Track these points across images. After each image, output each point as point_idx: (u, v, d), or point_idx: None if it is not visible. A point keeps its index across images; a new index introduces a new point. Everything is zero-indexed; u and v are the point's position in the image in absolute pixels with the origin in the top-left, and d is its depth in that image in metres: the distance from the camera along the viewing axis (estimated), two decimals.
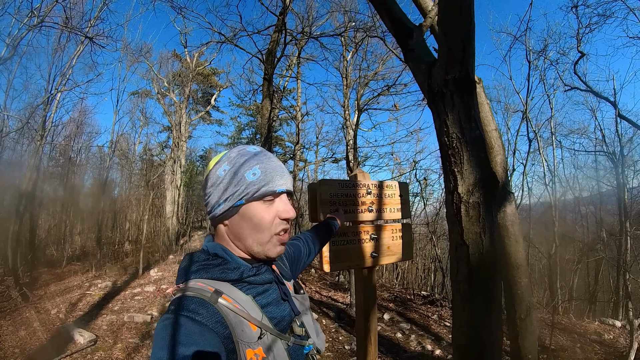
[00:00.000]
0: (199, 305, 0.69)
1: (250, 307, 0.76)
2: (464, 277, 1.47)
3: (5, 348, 4.96)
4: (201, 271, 0.79)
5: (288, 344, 0.79)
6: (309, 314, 0.95)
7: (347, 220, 2.19)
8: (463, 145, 1.37)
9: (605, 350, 5.81)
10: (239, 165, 0.83)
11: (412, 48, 1.55)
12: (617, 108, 9.09)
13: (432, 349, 5.58)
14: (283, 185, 0.83)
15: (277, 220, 0.82)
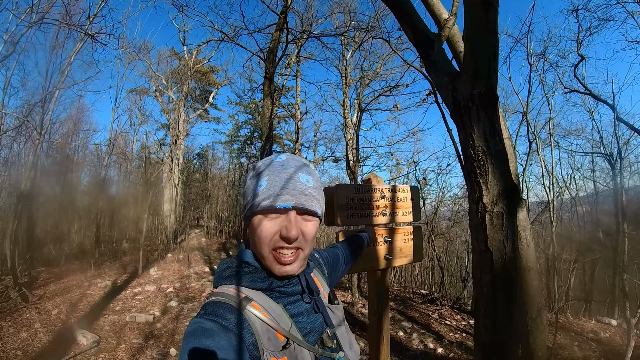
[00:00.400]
0: (227, 311, 0.71)
1: (279, 316, 0.77)
2: (488, 281, 1.54)
3: (7, 350, 4.91)
4: (233, 277, 0.81)
5: (316, 356, 0.78)
6: (343, 325, 0.94)
7: (362, 224, 2.21)
8: (488, 158, 1.43)
9: (603, 348, 5.89)
10: (256, 175, 0.83)
11: (433, 59, 1.59)
12: (615, 111, 9.20)
13: (434, 347, 5.64)
14: (287, 202, 0.78)
15: (276, 237, 0.79)
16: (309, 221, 0.82)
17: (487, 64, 1.41)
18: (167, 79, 16.70)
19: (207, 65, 18.94)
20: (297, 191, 0.79)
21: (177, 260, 11.96)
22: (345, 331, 0.93)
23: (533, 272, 2.26)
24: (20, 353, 4.86)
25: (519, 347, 1.57)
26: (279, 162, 0.84)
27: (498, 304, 1.50)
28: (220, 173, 24.21)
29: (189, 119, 18.26)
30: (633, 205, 10.91)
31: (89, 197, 14.49)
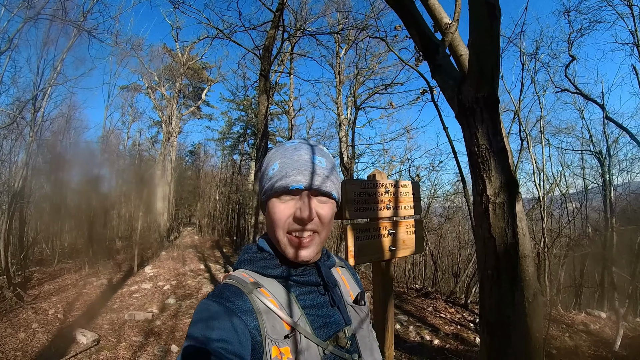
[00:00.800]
0: (233, 294, 0.71)
1: (289, 305, 0.75)
2: (492, 265, 1.69)
3: (6, 351, 4.88)
4: (247, 262, 0.82)
5: (324, 352, 0.75)
6: (367, 329, 0.90)
7: (368, 217, 2.30)
8: (491, 154, 1.57)
9: (593, 338, 6.08)
10: (268, 160, 0.83)
11: (439, 63, 1.71)
12: (605, 110, 9.44)
13: (431, 339, 5.77)
14: (300, 182, 0.76)
15: (290, 219, 0.77)
16: (324, 203, 0.80)
17: (490, 70, 1.55)
18: (159, 75, 16.59)
19: (199, 62, 18.86)
20: (310, 171, 0.78)
21: (172, 258, 11.95)
22: (368, 336, 0.89)
23: (529, 260, 2.42)
24: (19, 354, 4.83)
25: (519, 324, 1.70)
26: (291, 145, 0.83)
27: (502, 285, 1.64)
28: (213, 170, 24.14)
29: (182, 116, 18.17)
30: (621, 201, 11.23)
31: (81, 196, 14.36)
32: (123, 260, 11.38)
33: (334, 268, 0.94)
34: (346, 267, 1.03)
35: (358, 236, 2.18)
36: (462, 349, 5.42)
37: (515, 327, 1.65)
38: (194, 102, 20.31)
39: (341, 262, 1.03)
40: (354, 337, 0.83)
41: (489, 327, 1.74)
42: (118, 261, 11.32)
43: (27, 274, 8.95)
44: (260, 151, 7.76)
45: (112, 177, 17.85)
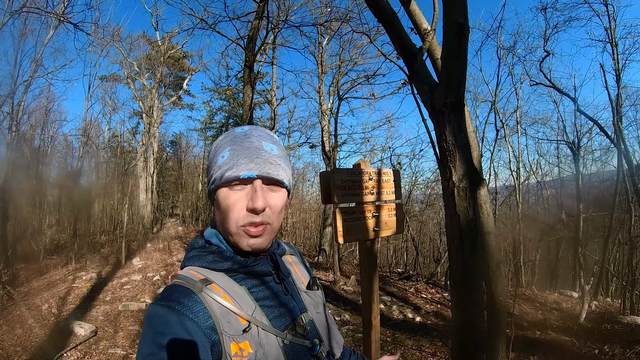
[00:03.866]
0: (182, 295, 0.67)
1: (242, 299, 0.73)
2: (457, 236, 2.08)
3: (5, 347, 4.90)
4: (194, 259, 0.78)
5: (284, 342, 0.74)
6: (323, 313, 0.90)
7: (354, 202, 2.56)
8: (456, 149, 1.93)
9: (562, 315, 6.57)
10: (217, 148, 0.79)
11: (416, 70, 2.02)
12: (576, 103, 9.94)
13: (413, 317, 6.14)
14: (252, 170, 0.73)
15: (243, 211, 0.73)
16: (276, 192, 0.77)
17: (457, 80, 1.88)
18: (139, 65, 16.35)
19: (180, 51, 18.61)
20: (262, 159, 0.74)
21: (158, 249, 12.01)
22: (326, 320, 0.89)
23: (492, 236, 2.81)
24: (19, 349, 4.88)
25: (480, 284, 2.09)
26: (241, 132, 0.79)
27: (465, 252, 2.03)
28: (195, 161, 24.03)
29: (163, 107, 17.99)
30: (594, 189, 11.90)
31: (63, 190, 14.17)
32: (109, 254, 11.36)
33: (284, 256, 0.93)
34: (295, 254, 1.02)
35: (345, 218, 2.45)
36: (442, 325, 5.81)
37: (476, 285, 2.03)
38: (175, 91, 20.07)
39: (291, 249, 1.01)
40: (312, 322, 0.83)
41: (455, 286, 2.15)
42: (104, 254, 11.30)
43: (13, 271, 8.90)
44: None
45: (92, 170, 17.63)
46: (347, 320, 5.74)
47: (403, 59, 2.03)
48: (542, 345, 4.48)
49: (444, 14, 1.73)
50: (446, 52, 1.83)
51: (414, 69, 2.00)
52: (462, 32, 1.68)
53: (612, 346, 4.37)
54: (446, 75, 1.86)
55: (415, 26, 2.49)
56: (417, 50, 1.98)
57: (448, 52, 1.81)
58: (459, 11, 1.68)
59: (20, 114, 9.86)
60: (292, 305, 0.81)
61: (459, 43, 1.71)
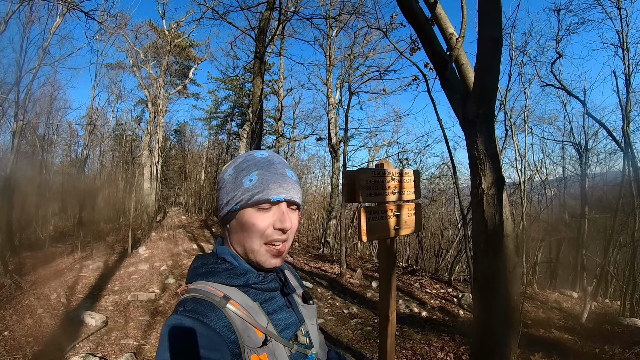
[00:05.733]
0: (208, 309, 0.71)
1: (256, 313, 0.78)
2: (484, 240, 2.17)
3: (17, 338, 4.87)
4: (209, 274, 0.81)
5: (291, 351, 0.80)
6: (315, 325, 0.96)
7: (377, 201, 2.61)
8: (487, 157, 1.99)
9: (563, 314, 6.65)
10: (240, 171, 0.84)
11: (447, 78, 2.05)
12: (585, 106, 9.92)
13: (419, 311, 6.22)
14: (280, 194, 0.81)
15: (270, 229, 0.81)
16: (294, 213, 0.86)
17: (490, 93, 1.94)
18: (145, 53, 16.27)
19: (186, 40, 18.51)
20: (288, 185, 0.83)
21: (163, 238, 12.03)
22: (317, 331, 0.96)
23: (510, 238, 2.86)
24: (31, 340, 4.85)
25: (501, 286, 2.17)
26: (263, 158, 0.86)
27: (489, 256, 2.10)
28: (199, 150, 24.03)
29: (169, 95, 17.95)
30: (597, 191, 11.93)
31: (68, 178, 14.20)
32: (114, 242, 11.39)
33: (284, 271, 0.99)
34: (289, 269, 1.09)
35: (369, 217, 2.51)
36: (448, 320, 5.89)
37: (498, 286, 2.11)
38: (181, 80, 20.00)
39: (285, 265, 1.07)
40: (308, 333, 0.89)
41: (479, 286, 2.22)
42: (109, 243, 11.33)
43: (20, 260, 8.93)
44: (255, 134, 7.85)
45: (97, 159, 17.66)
46: (355, 313, 5.82)
47: (434, 65, 2.06)
48: (546, 343, 4.57)
49: (479, 27, 1.76)
50: (481, 65, 1.87)
51: (445, 77, 2.04)
52: (497, 47, 1.72)
53: (612, 346, 4.45)
54: (480, 86, 1.91)
55: (441, 30, 2.50)
56: (448, 58, 2.01)
57: (483, 65, 1.85)
58: (495, 25, 1.72)
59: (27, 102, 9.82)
60: (294, 318, 0.87)
61: (493, 57, 1.77)
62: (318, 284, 7.47)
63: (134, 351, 4.59)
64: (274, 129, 18.49)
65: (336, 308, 6.07)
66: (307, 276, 8.07)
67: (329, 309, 6.00)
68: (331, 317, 5.57)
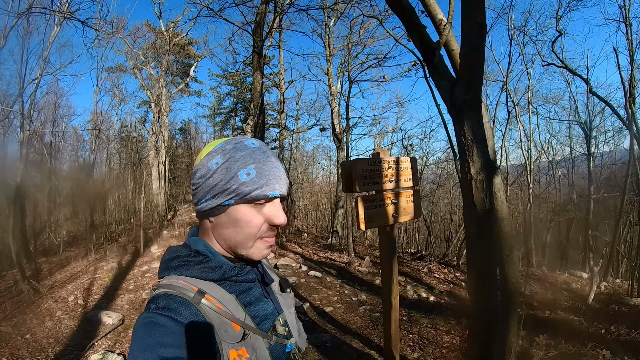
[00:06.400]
0: (181, 305, 0.68)
1: (233, 306, 0.76)
2: (475, 224, 2.20)
3: (38, 340, 5.02)
4: (182, 268, 0.77)
5: (270, 343, 0.78)
6: (293, 313, 0.95)
7: (374, 190, 2.66)
8: (474, 143, 2.02)
9: (572, 295, 6.64)
10: (234, 161, 0.77)
11: (435, 65, 2.09)
12: (588, 84, 9.72)
13: (427, 296, 6.28)
14: (277, 190, 0.78)
15: (265, 226, 0.78)
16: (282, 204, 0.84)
17: (477, 78, 1.97)
18: (144, 54, 16.36)
19: (185, 39, 18.54)
20: (283, 180, 0.81)
21: (174, 236, 12.22)
22: (295, 319, 0.94)
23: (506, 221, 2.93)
24: (52, 340, 5.02)
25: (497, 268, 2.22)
26: (256, 148, 0.81)
27: (483, 239, 2.14)
28: None
29: (171, 94, 18.07)
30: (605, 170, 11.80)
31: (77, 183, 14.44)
32: (126, 243, 11.61)
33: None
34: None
35: (367, 206, 2.57)
36: (455, 304, 5.94)
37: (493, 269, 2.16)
38: (182, 79, 20.08)
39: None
40: (286, 323, 0.88)
41: (474, 270, 2.28)
42: (122, 244, 11.55)
43: (36, 266, 9.14)
44: (257, 129, 7.91)
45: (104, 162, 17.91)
46: (363, 300, 5.91)
47: (422, 54, 2.09)
48: (551, 325, 4.59)
49: (462, 12, 1.78)
50: (465, 51, 1.90)
51: (434, 64, 2.07)
52: (482, 31, 1.74)
53: (618, 327, 4.45)
54: (466, 71, 1.94)
55: (430, 16, 2.51)
56: (435, 45, 2.04)
57: (467, 50, 1.88)
58: (478, 10, 1.74)
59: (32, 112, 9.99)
60: (272, 308, 0.86)
61: (478, 42, 1.79)
62: (327, 273, 7.57)
63: None
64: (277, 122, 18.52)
65: (345, 296, 6.16)
66: (317, 266, 8.17)
67: (338, 297, 6.09)
68: (340, 305, 5.66)
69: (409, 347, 4.10)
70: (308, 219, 18.89)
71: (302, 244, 11.13)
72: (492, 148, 2.84)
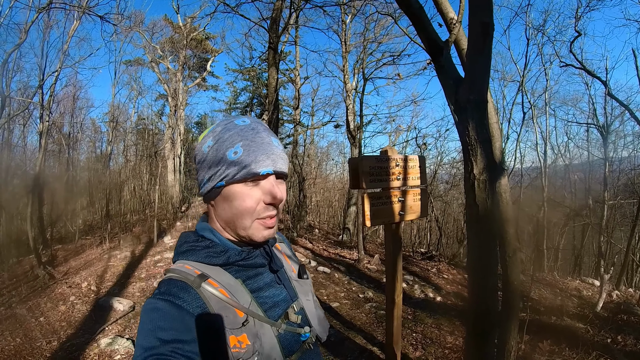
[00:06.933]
0: (181, 289, 0.69)
1: (238, 291, 0.74)
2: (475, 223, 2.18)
3: (51, 323, 5.22)
4: (188, 253, 0.78)
5: (279, 331, 0.76)
6: (312, 300, 0.91)
7: (381, 187, 2.68)
8: (478, 144, 2.01)
9: (581, 302, 6.51)
10: (222, 142, 0.76)
11: (442, 64, 2.09)
12: (607, 87, 9.44)
13: (434, 297, 6.26)
14: (269, 166, 0.75)
15: (261, 205, 0.76)
16: (282, 184, 0.80)
17: (481, 78, 1.96)
18: (162, 48, 16.61)
19: (202, 33, 18.73)
20: (275, 155, 0.77)
21: (187, 228, 12.41)
22: (314, 307, 0.91)
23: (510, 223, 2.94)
24: (65, 324, 5.20)
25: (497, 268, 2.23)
26: (246, 125, 0.79)
27: (482, 239, 2.15)
28: None
29: (188, 89, 18.30)
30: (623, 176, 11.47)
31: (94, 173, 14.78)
32: (140, 233, 11.81)
33: (274, 245, 0.92)
34: (284, 241, 1.04)
35: (373, 203, 2.59)
36: (461, 305, 5.91)
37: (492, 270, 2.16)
38: (199, 73, 20.31)
39: (280, 237, 1.04)
40: (302, 310, 0.85)
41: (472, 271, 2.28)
42: (136, 234, 11.77)
43: (52, 252, 9.40)
44: (272, 124, 7.96)
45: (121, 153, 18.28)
46: (370, 297, 5.93)
47: (429, 52, 2.09)
48: (556, 331, 4.53)
49: (469, 12, 1.78)
50: (471, 51, 1.90)
51: (440, 63, 2.07)
52: (487, 31, 1.74)
53: (625, 337, 4.36)
54: (471, 72, 1.95)
55: (442, 14, 2.51)
56: (443, 44, 2.04)
57: (473, 50, 1.88)
58: (485, 10, 1.74)
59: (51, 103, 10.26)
60: (284, 295, 0.83)
61: (483, 42, 1.78)
62: (336, 269, 7.61)
63: None
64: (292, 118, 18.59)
65: (352, 292, 6.19)
66: (326, 262, 8.21)
67: (345, 293, 6.13)
68: (347, 301, 5.70)
69: (412, 346, 4.11)
70: (320, 215, 18.92)
71: (312, 240, 11.18)
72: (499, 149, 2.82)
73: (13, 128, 11.41)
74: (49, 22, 10.30)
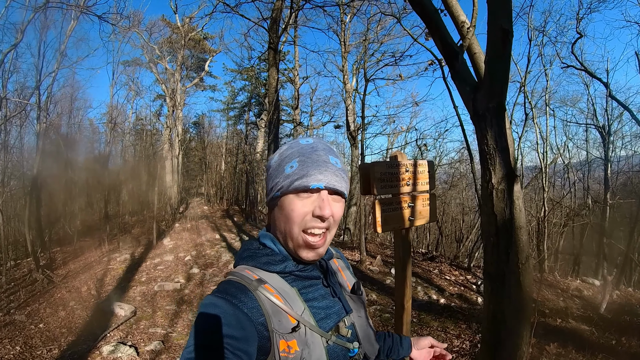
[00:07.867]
0: (239, 290, 0.73)
1: (292, 299, 0.77)
2: (493, 233, 2.18)
3: (51, 329, 5.14)
4: (249, 259, 0.84)
5: (328, 342, 0.78)
6: (364, 317, 0.94)
7: (392, 193, 2.64)
8: (497, 152, 1.99)
9: (583, 303, 6.52)
10: (283, 157, 0.84)
11: (457, 70, 2.04)
12: (608, 88, 9.47)
13: (437, 298, 6.24)
14: (321, 181, 0.79)
15: (309, 216, 0.79)
16: (338, 202, 0.83)
17: (500, 85, 1.92)
18: (160, 48, 16.50)
19: (200, 33, 18.63)
20: (329, 172, 0.80)
21: (186, 229, 12.35)
22: (366, 324, 0.93)
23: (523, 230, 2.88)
24: (65, 330, 5.14)
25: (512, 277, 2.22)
26: (307, 144, 0.85)
27: (500, 248, 2.13)
28: (218, 141, 24.32)
29: (186, 89, 18.20)
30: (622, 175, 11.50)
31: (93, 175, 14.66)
32: (139, 234, 11.76)
33: (331, 260, 0.96)
34: (341, 258, 1.07)
35: (384, 209, 2.55)
36: (466, 307, 5.88)
37: (509, 278, 2.15)
38: (197, 73, 20.21)
39: (337, 253, 1.06)
40: (353, 325, 0.87)
41: (490, 279, 2.26)
42: (135, 235, 11.71)
43: (50, 255, 9.30)
44: (272, 124, 7.91)
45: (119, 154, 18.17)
46: (374, 300, 5.90)
47: (444, 57, 2.05)
48: (562, 333, 4.52)
49: (488, 17, 1.73)
50: (490, 57, 1.86)
51: (456, 69, 2.03)
52: (507, 38, 1.70)
53: (629, 338, 4.36)
54: (490, 79, 1.90)
55: (453, 18, 2.46)
56: (458, 49, 2.00)
57: (492, 57, 1.84)
58: (504, 16, 1.69)
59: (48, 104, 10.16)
60: (337, 308, 0.85)
61: (503, 48, 1.74)
62: None
63: (162, 339, 4.78)
64: (291, 118, 18.53)
65: None
66: None
67: None
68: None
69: None
70: None
71: None
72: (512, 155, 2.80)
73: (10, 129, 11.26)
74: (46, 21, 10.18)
